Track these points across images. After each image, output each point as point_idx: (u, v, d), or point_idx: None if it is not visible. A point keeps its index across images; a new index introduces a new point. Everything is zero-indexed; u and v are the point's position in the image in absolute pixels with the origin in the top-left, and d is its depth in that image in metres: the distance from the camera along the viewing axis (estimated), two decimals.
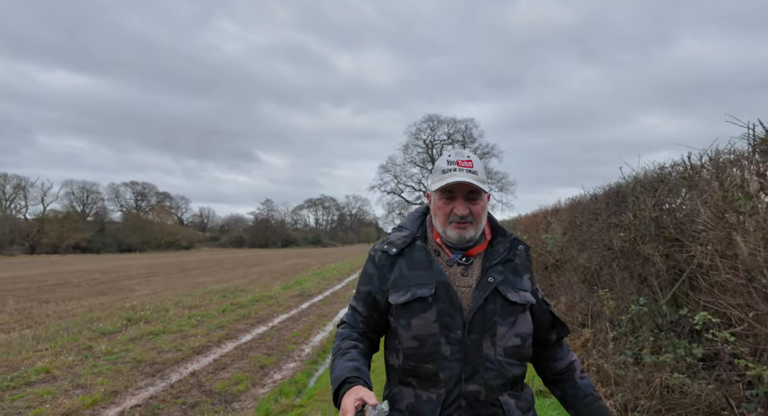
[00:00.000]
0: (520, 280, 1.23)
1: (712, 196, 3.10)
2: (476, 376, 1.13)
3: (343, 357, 1.17)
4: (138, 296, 11.11)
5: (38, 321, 7.93)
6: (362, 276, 1.31)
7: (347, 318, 1.32)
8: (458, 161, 1.19)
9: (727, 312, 2.92)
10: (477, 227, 1.20)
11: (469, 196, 1.19)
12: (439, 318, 1.15)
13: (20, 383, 4.24)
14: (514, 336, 1.18)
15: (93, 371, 4.62)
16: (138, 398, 3.92)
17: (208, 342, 5.88)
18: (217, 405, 3.78)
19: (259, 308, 8.61)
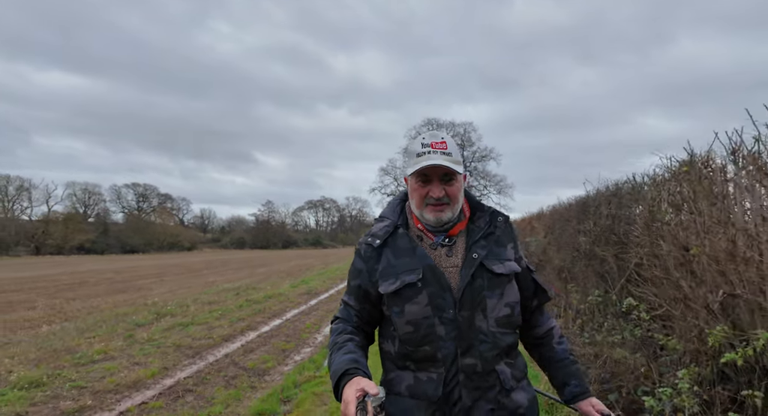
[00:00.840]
0: (504, 250, 1.26)
1: (643, 209, 4.01)
2: (472, 350, 1.17)
3: (340, 350, 1.20)
4: (156, 294, 11.97)
5: (72, 315, 8.79)
6: (351, 270, 1.34)
7: (341, 313, 1.35)
8: (432, 143, 1.20)
9: (652, 300, 3.83)
10: (454, 208, 1.23)
11: (444, 177, 1.21)
12: (431, 300, 1.18)
13: (86, 361, 5.15)
14: (504, 306, 1.22)
15: (142, 352, 5.52)
16: (186, 372, 4.82)
17: (233, 332, 6.78)
18: (252, 377, 4.69)
19: (272, 304, 9.52)
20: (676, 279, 3.57)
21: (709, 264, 3.13)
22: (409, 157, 1.24)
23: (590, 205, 5.24)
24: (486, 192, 36.81)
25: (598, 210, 4.93)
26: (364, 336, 1.30)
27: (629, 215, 4.38)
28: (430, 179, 1.21)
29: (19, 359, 5.24)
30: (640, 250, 4.09)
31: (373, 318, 1.31)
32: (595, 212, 4.96)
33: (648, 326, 3.67)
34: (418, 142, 1.22)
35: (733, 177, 2.96)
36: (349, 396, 1.01)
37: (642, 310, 3.90)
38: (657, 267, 3.83)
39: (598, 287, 4.89)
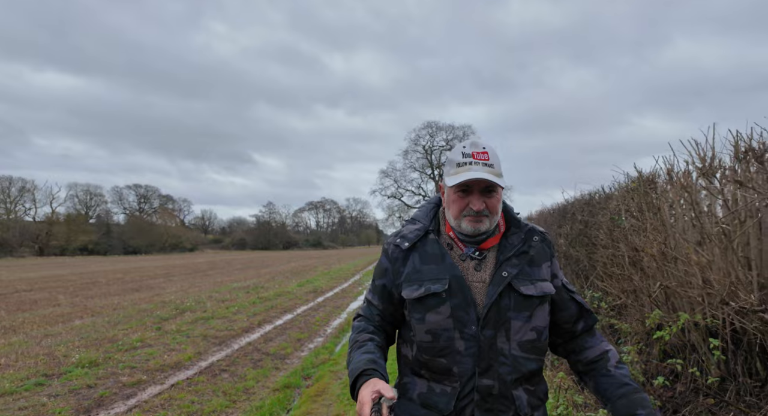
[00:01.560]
0: (538, 270, 1.22)
1: (607, 216, 4.82)
2: (490, 371, 1.14)
3: (360, 349, 1.20)
4: (169, 292, 12.74)
5: (96, 311, 9.57)
6: (377, 269, 1.33)
7: (363, 311, 1.35)
8: (473, 153, 1.17)
9: (613, 293, 4.64)
10: (492, 220, 1.21)
11: (485, 190, 1.18)
12: (453, 313, 1.16)
13: (129, 347, 5.94)
14: (530, 330, 1.18)
15: (175, 341, 6.32)
16: (217, 356, 5.62)
17: (251, 324, 7.58)
18: (274, 360, 5.49)
19: (282, 301, 10.32)
20: (629, 275, 4.38)
21: (651, 262, 3.93)
22: (449, 165, 1.21)
23: (568, 211, 6.05)
24: None
25: (574, 216, 5.73)
26: (385, 336, 1.30)
27: (597, 221, 5.18)
28: (471, 191, 1.18)
29: (69, 346, 6.03)
30: (605, 251, 4.89)
31: (395, 319, 1.30)
32: (571, 218, 5.76)
33: (607, 314, 4.47)
34: (459, 151, 1.20)
35: (665, 192, 3.76)
36: (365, 397, 1.02)
37: (602, 300, 4.71)
38: (616, 266, 4.63)
39: (573, 283, 5.69)
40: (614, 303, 4.60)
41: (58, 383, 4.51)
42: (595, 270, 5.27)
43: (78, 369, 4.91)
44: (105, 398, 4.14)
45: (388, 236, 1.34)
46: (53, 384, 4.47)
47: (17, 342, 6.49)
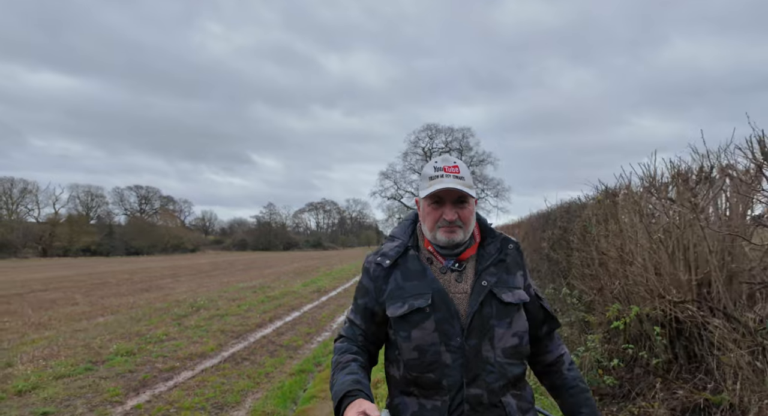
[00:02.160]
0: (513, 278, 1.28)
1: (579, 223, 5.55)
2: (478, 380, 1.18)
3: (343, 370, 1.21)
4: (179, 292, 13.43)
5: (115, 310, 10.26)
6: (358, 288, 1.36)
7: (345, 331, 1.36)
8: (445, 167, 1.24)
9: (585, 290, 5.36)
10: (466, 230, 1.26)
11: (457, 200, 1.24)
12: (438, 327, 1.19)
13: (156, 340, 6.66)
14: (512, 336, 1.23)
15: (197, 335, 7.04)
16: (237, 348, 6.34)
17: (263, 321, 8.30)
18: (288, 351, 6.21)
19: (289, 300, 11.05)
20: (597, 275, 5.11)
21: (612, 264, 4.66)
22: (423, 180, 1.28)
23: (551, 218, 6.77)
24: (484, 195, 38.40)
25: (555, 222, 6.45)
26: (368, 356, 1.32)
27: (573, 227, 5.88)
28: (443, 202, 1.24)
29: (102, 339, 6.75)
30: (579, 254, 5.62)
31: (378, 338, 1.33)
32: (553, 224, 6.48)
33: (578, 309, 5.20)
34: (431, 165, 1.27)
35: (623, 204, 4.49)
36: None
37: (574, 297, 5.45)
38: (587, 267, 5.36)
39: (554, 282, 6.42)
40: (587, 299, 5.33)
41: (104, 368, 5.23)
42: (572, 271, 6.01)
43: (118, 358, 5.63)
44: (147, 380, 4.87)
45: (368, 255, 1.38)
46: (100, 369, 5.19)
47: (51, 336, 7.20)
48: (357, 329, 1.33)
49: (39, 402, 4.16)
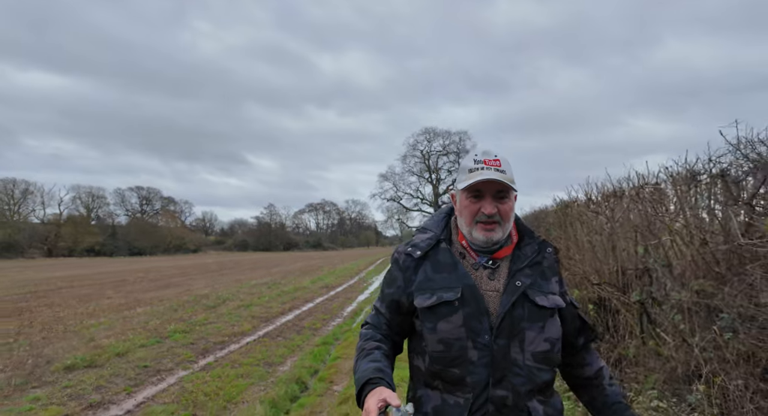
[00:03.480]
0: (548, 283, 1.25)
1: (544, 227, 7.09)
2: (504, 381, 1.17)
3: (366, 357, 1.23)
4: (198, 288, 14.91)
5: (147, 302, 11.74)
6: (386, 278, 1.36)
7: (371, 319, 1.38)
8: (485, 160, 1.22)
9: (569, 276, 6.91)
10: (504, 228, 1.23)
11: (497, 195, 1.22)
12: (466, 322, 1.18)
13: (199, 324, 8.17)
14: (543, 341, 1.20)
15: (232, 320, 8.55)
16: (268, 329, 7.86)
17: (284, 310, 9.83)
18: (311, 330, 7.73)
19: (301, 294, 12.58)
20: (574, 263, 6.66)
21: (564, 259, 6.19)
22: (461, 172, 1.26)
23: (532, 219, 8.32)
24: None
25: (538, 222, 8.00)
26: (392, 345, 1.33)
27: (541, 230, 7.40)
28: (483, 195, 1.22)
29: (156, 323, 8.26)
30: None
31: (402, 329, 1.33)
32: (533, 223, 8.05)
33: None
34: (471, 158, 1.25)
35: (570, 214, 6.03)
36: (371, 405, 1.05)
37: None
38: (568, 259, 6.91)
39: None
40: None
41: (170, 341, 6.75)
42: None
43: (177, 334, 7.16)
44: (207, 349, 6.39)
45: (399, 245, 1.37)
46: (167, 342, 6.71)
47: (107, 322, 8.68)
48: (382, 317, 1.35)
49: (136, 361, 5.68)
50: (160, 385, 4.80)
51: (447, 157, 40.17)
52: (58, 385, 4.72)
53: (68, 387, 4.68)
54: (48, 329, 7.88)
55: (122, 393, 4.53)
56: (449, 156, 40.22)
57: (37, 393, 4.49)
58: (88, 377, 5.00)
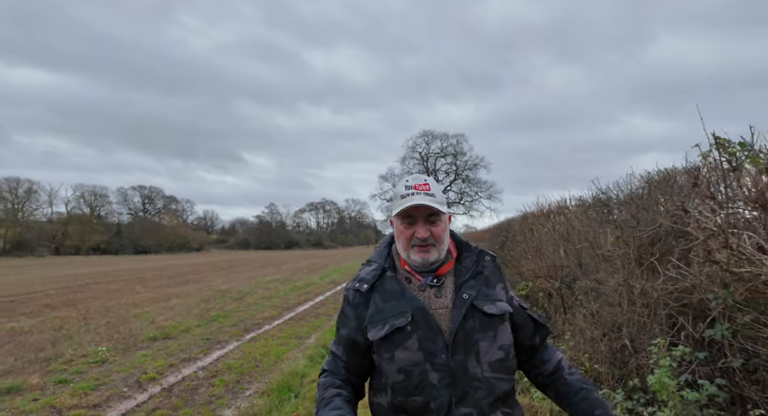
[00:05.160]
0: (493, 291, 1.32)
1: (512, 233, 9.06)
2: (467, 399, 1.21)
3: (327, 407, 1.24)
4: (217, 284, 16.80)
5: (176, 296, 13.64)
6: (340, 318, 1.41)
7: (328, 365, 1.41)
8: (415, 185, 1.30)
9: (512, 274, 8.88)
10: (440, 248, 1.30)
11: (429, 218, 1.29)
12: (421, 345, 1.22)
13: (233, 311, 10.13)
14: (497, 349, 1.26)
15: (258, 309, 10.51)
16: (291, 314, 9.84)
17: (300, 301, 11.81)
18: (327, 316, 9.71)
19: (312, 288, 14.56)
20: (517, 264, 8.62)
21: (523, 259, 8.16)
22: (395, 199, 1.35)
23: (501, 228, 10.24)
24: (477, 198, 42.03)
25: (503, 231, 9.93)
26: (352, 389, 1.36)
27: (510, 235, 9.33)
28: (415, 220, 1.29)
29: (196, 310, 10.22)
30: (510, 252, 9.12)
31: (362, 370, 1.38)
32: (501, 232, 9.95)
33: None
34: (402, 184, 1.33)
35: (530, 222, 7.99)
36: None
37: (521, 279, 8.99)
38: (515, 260, 8.86)
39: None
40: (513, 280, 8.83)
41: (217, 323, 8.72)
42: (508, 263, 9.53)
43: (220, 318, 9.13)
44: (248, 328, 8.36)
45: (347, 283, 1.43)
46: (215, 324, 8.67)
47: (152, 311, 10.63)
48: (339, 361, 1.38)
49: (198, 335, 7.65)
50: (224, 350, 6.77)
51: (445, 158, 42.22)
52: (153, 349, 6.69)
53: (160, 349, 6.65)
54: (106, 315, 9.82)
55: (200, 354, 6.50)
56: (447, 158, 42.26)
57: (143, 352, 6.46)
58: (170, 344, 6.97)
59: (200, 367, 5.84)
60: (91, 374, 5.45)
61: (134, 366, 5.79)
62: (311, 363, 5.93)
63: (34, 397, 4.63)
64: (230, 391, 4.95)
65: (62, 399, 4.54)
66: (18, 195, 56.41)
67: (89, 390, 4.86)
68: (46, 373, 5.43)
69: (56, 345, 6.98)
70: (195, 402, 4.60)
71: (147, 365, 5.83)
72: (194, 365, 5.94)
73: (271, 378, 5.30)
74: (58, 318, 9.55)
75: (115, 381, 5.17)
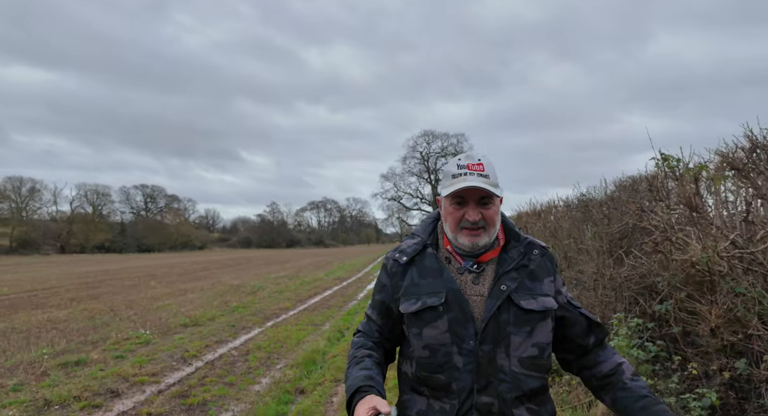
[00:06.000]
0: (540, 285, 1.27)
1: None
2: (489, 388, 1.20)
3: (357, 365, 1.28)
4: (227, 280, 17.66)
5: (191, 291, 14.49)
6: (376, 284, 1.43)
7: (362, 326, 1.45)
8: (468, 165, 1.24)
9: None
10: (490, 233, 1.26)
11: (481, 200, 1.24)
12: (451, 327, 1.22)
13: (249, 303, 11.00)
14: (531, 346, 1.23)
15: (273, 301, 11.37)
16: (304, 306, 10.70)
17: (310, 294, 12.68)
18: (337, 307, 10.58)
19: (320, 284, 15.43)
20: None
21: None
22: (444, 178, 1.30)
23: None
24: None
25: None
26: (383, 352, 1.39)
27: None
28: (466, 202, 1.25)
29: (216, 302, 11.08)
30: None
31: (394, 335, 1.39)
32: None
33: None
34: (454, 163, 1.27)
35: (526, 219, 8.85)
36: (361, 414, 1.10)
37: None
38: None
39: None
40: None
41: (238, 313, 9.58)
42: None
43: (240, 309, 10.00)
44: (267, 317, 9.23)
45: (389, 251, 1.42)
46: (236, 313, 9.54)
47: (173, 303, 11.48)
48: (373, 325, 1.41)
49: (224, 322, 8.51)
50: (250, 334, 7.63)
51: (445, 158, 43.02)
52: (187, 333, 7.56)
53: (194, 334, 7.51)
54: (131, 307, 10.67)
55: (229, 337, 7.36)
56: (447, 157, 43.05)
57: (179, 335, 7.33)
58: (201, 329, 7.84)
59: (232, 347, 6.71)
60: (140, 352, 6.31)
61: (175, 346, 6.65)
62: (330, 343, 6.80)
63: (100, 368, 5.49)
64: (263, 365, 5.81)
65: (124, 369, 5.41)
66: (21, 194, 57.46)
67: (144, 363, 5.72)
68: (102, 351, 6.29)
69: (98, 330, 7.84)
70: (235, 373, 5.46)
71: (186, 345, 6.69)
72: (227, 346, 6.80)
73: (297, 355, 6.17)
74: (87, 309, 10.40)
75: (162, 357, 6.03)
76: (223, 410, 4.32)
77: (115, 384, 4.92)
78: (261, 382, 5.15)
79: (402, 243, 1.41)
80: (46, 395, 4.53)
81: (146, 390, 4.84)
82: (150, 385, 4.98)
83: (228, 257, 37.88)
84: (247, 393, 4.76)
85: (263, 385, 5.04)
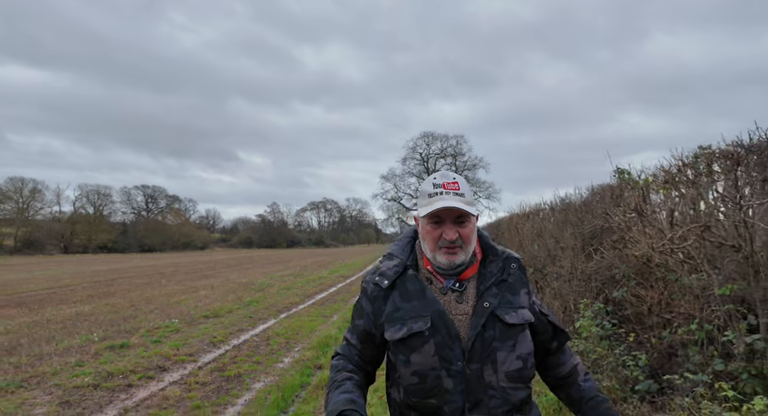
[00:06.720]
0: (517, 297, 1.31)
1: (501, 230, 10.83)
2: (480, 406, 1.22)
3: (338, 389, 1.26)
4: (236, 278, 18.50)
5: (202, 288, 15.33)
6: (356, 308, 1.41)
7: (342, 349, 1.43)
8: (444, 184, 1.27)
9: None
10: (467, 250, 1.28)
11: (457, 219, 1.26)
12: (438, 351, 1.23)
13: (261, 298, 11.89)
14: (515, 359, 1.26)
15: (283, 297, 12.26)
16: (313, 301, 11.60)
17: (315, 291, 13.57)
18: (343, 301, 11.47)
19: (324, 281, 16.32)
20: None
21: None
22: (421, 197, 1.32)
23: (493, 226, 12.03)
24: (476, 198, 43.78)
25: (494, 228, 11.69)
26: (364, 375, 1.39)
27: (499, 231, 11.06)
28: (443, 221, 1.26)
29: (229, 298, 11.97)
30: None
31: (374, 358, 1.41)
32: (493, 230, 11.71)
33: None
34: (430, 182, 1.30)
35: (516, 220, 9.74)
36: None
37: None
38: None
39: None
40: None
41: (252, 307, 10.47)
42: None
43: (253, 303, 10.89)
44: (280, 310, 10.11)
45: (366, 275, 1.42)
46: (250, 307, 10.42)
47: (188, 299, 12.36)
48: (353, 349, 1.40)
49: (241, 315, 9.40)
50: (267, 324, 8.52)
51: (444, 159, 44.01)
52: (210, 323, 8.45)
53: (216, 324, 8.40)
54: (150, 303, 11.52)
55: (249, 327, 8.25)
56: (446, 158, 44.04)
57: (204, 325, 8.22)
58: (222, 320, 8.73)
59: (253, 335, 7.60)
60: (173, 338, 7.20)
61: (202, 333, 7.55)
62: (340, 331, 7.69)
63: (143, 350, 6.38)
64: (283, 347, 6.71)
65: (164, 350, 6.30)
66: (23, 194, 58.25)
67: (180, 346, 6.62)
68: (140, 337, 7.18)
69: (127, 321, 8.73)
70: (260, 354, 6.36)
71: (212, 333, 7.58)
72: (248, 333, 7.70)
73: (312, 340, 7.07)
74: (109, 304, 11.28)
75: (193, 342, 6.93)
76: (256, 381, 5.22)
77: (160, 362, 5.81)
78: (284, 361, 6.04)
79: (381, 265, 1.41)
80: (107, 369, 5.42)
81: (187, 366, 5.74)
82: (189, 363, 5.88)
83: (231, 257, 38.74)
84: (273, 369, 5.66)
85: (286, 363, 5.93)
